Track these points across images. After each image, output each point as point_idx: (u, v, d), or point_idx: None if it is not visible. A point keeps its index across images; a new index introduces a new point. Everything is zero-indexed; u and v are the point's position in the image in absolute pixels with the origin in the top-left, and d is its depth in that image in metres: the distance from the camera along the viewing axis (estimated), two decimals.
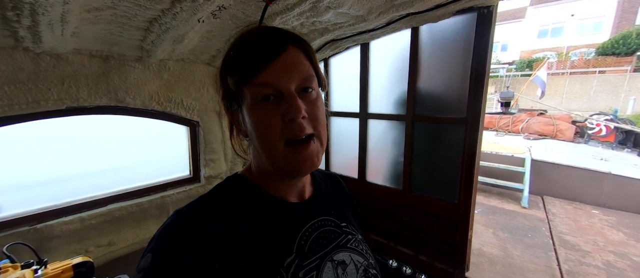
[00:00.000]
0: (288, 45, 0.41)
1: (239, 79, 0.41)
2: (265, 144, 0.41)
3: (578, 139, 5.57)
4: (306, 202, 0.50)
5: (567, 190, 3.66)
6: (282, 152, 0.40)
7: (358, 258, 0.50)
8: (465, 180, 1.45)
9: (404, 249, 1.79)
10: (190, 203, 0.41)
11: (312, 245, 0.45)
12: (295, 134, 0.40)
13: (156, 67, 1.33)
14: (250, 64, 0.39)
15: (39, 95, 1.04)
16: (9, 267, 0.80)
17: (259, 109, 0.40)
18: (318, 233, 0.47)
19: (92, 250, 1.26)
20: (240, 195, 0.45)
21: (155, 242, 0.37)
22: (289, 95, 0.39)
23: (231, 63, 0.42)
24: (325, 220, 0.50)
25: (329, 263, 0.45)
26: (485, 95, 1.36)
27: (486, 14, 1.28)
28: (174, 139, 1.62)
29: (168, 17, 0.95)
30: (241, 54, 0.41)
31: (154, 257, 0.35)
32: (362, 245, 0.53)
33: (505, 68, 14.14)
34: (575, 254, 2.39)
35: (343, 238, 0.50)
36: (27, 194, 1.16)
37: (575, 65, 13.26)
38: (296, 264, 0.41)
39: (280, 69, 0.39)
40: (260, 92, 0.39)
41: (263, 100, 0.40)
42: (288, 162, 0.41)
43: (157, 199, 1.47)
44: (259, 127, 0.41)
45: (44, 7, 0.74)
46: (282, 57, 0.40)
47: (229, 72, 0.42)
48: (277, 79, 0.39)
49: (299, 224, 0.46)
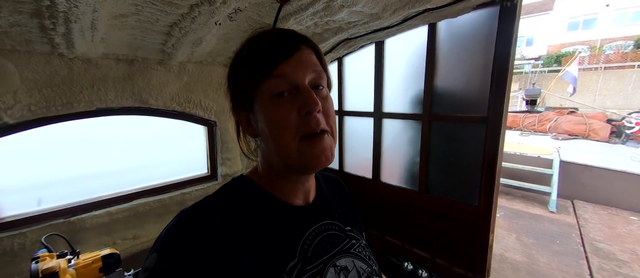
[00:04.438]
0: (301, 44, 0.42)
1: (254, 75, 0.41)
2: (281, 139, 0.41)
3: (614, 139, 5.15)
4: (310, 206, 0.50)
5: (601, 195, 3.39)
6: (298, 146, 0.40)
7: (361, 264, 0.49)
8: (486, 182, 1.38)
9: (420, 252, 1.74)
10: (195, 203, 0.42)
11: (316, 250, 0.45)
12: (311, 128, 0.40)
13: (176, 70, 1.39)
14: (267, 60, 0.40)
15: (72, 98, 1.12)
16: (46, 256, 0.87)
17: (274, 104, 0.40)
18: (322, 237, 0.47)
19: (119, 242, 1.34)
20: (245, 197, 0.45)
21: (161, 241, 0.38)
22: (304, 89, 0.40)
23: (245, 61, 0.43)
24: (329, 224, 0.50)
25: (331, 269, 0.44)
26: (508, 92, 1.29)
27: (509, 8, 1.22)
28: (192, 138, 1.68)
29: (187, 21, 0.99)
30: (256, 52, 0.42)
31: (159, 257, 0.36)
32: (365, 250, 0.52)
33: (531, 64, 13.35)
34: (610, 263, 2.22)
35: (347, 243, 0.50)
36: (61, 190, 1.25)
37: (610, 59, 12.26)
38: (299, 268, 0.41)
39: (295, 65, 0.40)
40: (277, 87, 0.40)
41: (278, 95, 0.40)
42: (303, 156, 0.41)
43: (177, 196, 1.53)
44: (274, 122, 0.41)
45: (76, 15, 0.80)
46: (296, 55, 0.41)
47: (242, 70, 0.43)
48: (293, 74, 0.40)
49: (303, 228, 0.46)
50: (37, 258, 0.85)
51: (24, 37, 0.91)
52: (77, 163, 1.31)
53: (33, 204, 1.17)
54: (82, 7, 0.76)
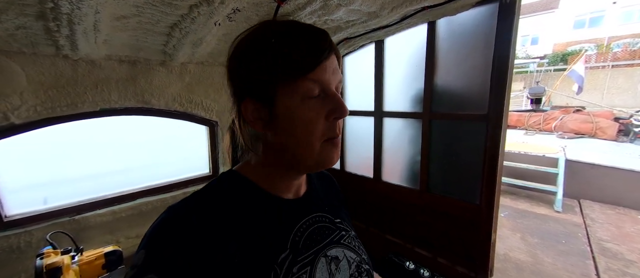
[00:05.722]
0: (332, 48, 0.42)
1: (286, 71, 0.38)
2: (307, 140, 0.41)
3: (622, 137, 5.05)
4: (301, 199, 0.51)
5: (608, 194, 3.33)
6: (319, 149, 0.42)
7: (351, 254, 0.50)
8: (488, 179, 1.37)
9: (422, 251, 1.73)
10: (184, 199, 0.42)
11: (307, 241, 0.45)
12: (335, 132, 0.43)
13: (178, 70, 1.42)
14: (305, 60, 0.38)
15: (76, 98, 1.14)
16: (51, 253, 0.89)
17: (306, 105, 0.40)
18: (313, 229, 0.48)
19: (122, 240, 1.36)
20: (234, 192, 0.44)
21: (148, 237, 0.37)
22: (333, 94, 0.41)
23: (272, 52, 0.39)
24: (319, 216, 0.51)
25: (322, 259, 0.45)
26: (508, 90, 1.28)
27: (509, 4, 1.21)
28: (194, 138, 1.70)
29: (187, 21, 1.01)
30: (290, 46, 0.38)
31: (147, 253, 0.35)
32: (355, 241, 0.53)
33: (536, 62, 13.18)
34: (618, 263, 2.17)
35: (337, 234, 0.51)
36: (66, 189, 1.28)
37: (618, 57, 12.02)
38: (290, 260, 0.42)
39: (328, 69, 0.41)
40: (312, 90, 0.39)
41: (312, 97, 0.40)
42: (321, 157, 0.43)
43: (180, 195, 1.55)
44: (303, 123, 0.40)
45: (79, 17, 0.82)
46: (330, 58, 0.41)
47: (265, 60, 0.39)
48: (327, 78, 0.41)
49: (294, 220, 0.47)
50: (42, 254, 0.87)
51: (29, 39, 0.93)
52: (81, 163, 1.34)
53: (39, 203, 1.20)
54: (85, 8, 0.78)
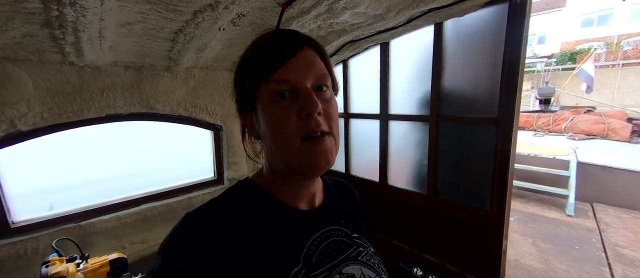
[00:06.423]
0: (303, 45, 0.42)
1: (255, 77, 0.41)
2: (281, 141, 0.41)
3: (635, 138, 4.91)
4: (316, 210, 0.49)
5: (622, 197, 3.22)
6: (298, 148, 0.40)
7: (369, 272, 0.47)
8: (498, 185, 1.33)
9: (430, 257, 1.69)
10: (200, 206, 0.42)
11: (321, 256, 0.44)
12: (311, 129, 0.40)
13: (183, 75, 1.42)
14: (268, 62, 0.40)
15: (82, 105, 1.15)
16: (56, 261, 0.89)
17: (275, 106, 0.40)
18: (327, 244, 0.46)
19: (128, 246, 1.36)
20: (249, 201, 0.45)
21: (165, 244, 0.38)
22: (305, 91, 0.40)
23: (248, 63, 0.43)
24: (335, 229, 0.48)
25: (337, 276, 0.43)
26: (519, 92, 1.24)
27: (519, 4, 1.18)
28: (199, 143, 1.70)
29: (191, 27, 1.00)
30: (258, 54, 0.42)
31: (163, 260, 0.36)
32: (374, 258, 0.50)
33: (544, 62, 12.95)
34: (635, 271, 2.09)
35: (354, 250, 0.48)
36: (72, 194, 1.28)
37: (629, 55, 11.74)
38: (303, 275, 0.40)
39: (296, 66, 0.40)
40: (277, 89, 0.40)
41: (279, 97, 0.40)
42: (303, 158, 0.40)
43: (184, 200, 1.55)
44: (274, 124, 0.41)
45: (83, 25, 0.82)
46: (299, 56, 0.41)
47: (245, 71, 0.43)
48: (294, 76, 0.40)
49: (308, 233, 0.45)
50: (48, 262, 0.87)
51: (36, 47, 0.94)
52: (87, 169, 1.34)
53: (45, 209, 1.20)
54: (89, 16, 0.78)
